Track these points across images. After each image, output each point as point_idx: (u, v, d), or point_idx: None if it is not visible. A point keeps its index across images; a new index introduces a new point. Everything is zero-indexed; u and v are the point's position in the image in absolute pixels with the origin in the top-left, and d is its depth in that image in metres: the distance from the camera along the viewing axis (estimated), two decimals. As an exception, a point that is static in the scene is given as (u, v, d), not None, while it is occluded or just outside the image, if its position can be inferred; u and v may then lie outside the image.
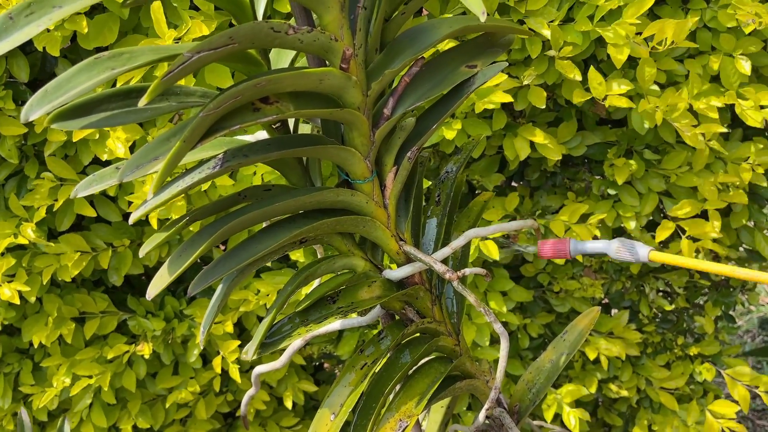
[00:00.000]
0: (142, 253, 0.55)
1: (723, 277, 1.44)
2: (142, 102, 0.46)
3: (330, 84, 0.57)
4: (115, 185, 0.91)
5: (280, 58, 0.67)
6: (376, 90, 0.62)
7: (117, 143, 0.92)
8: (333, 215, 0.64)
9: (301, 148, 0.60)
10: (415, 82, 0.65)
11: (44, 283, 1.04)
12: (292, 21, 0.59)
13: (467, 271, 0.66)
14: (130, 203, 1.01)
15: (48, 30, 0.79)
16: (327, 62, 0.59)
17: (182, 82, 0.88)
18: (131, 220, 0.55)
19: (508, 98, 0.94)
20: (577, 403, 1.40)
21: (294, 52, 0.67)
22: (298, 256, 1.12)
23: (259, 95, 0.54)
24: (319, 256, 0.79)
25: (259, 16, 0.61)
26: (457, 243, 0.71)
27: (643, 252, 0.68)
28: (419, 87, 0.66)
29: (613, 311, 1.53)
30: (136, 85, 0.54)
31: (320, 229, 0.63)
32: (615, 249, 0.69)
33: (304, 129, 0.71)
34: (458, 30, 0.64)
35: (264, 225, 0.63)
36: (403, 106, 0.65)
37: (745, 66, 0.98)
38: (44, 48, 0.87)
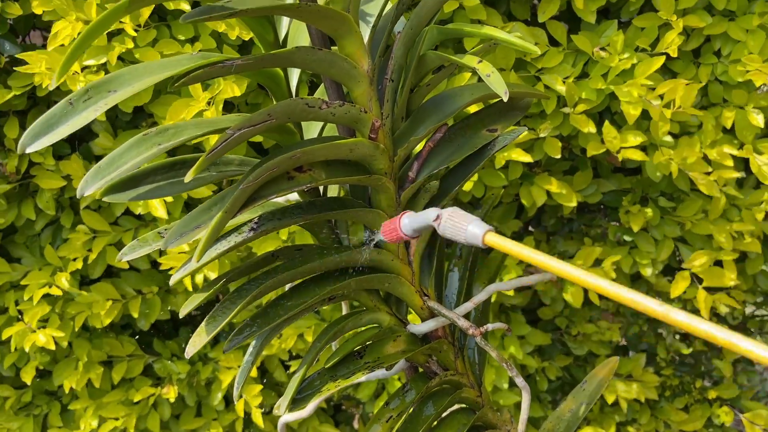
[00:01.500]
0: (182, 313, 0.58)
1: (740, 320, 1.45)
2: (189, 177, 0.50)
3: (360, 153, 0.60)
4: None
5: (311, 125, 0.70)
6: (401, 155, 0.65)
7: (155, 202, 0.96)
8: (360, 273, 0.67)
9: (332, 212, 0.63)
10: (439, 146, 0.69)
11: (76, 330, 1.07)
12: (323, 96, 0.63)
13: (489, 326, 0.68)
14: (161, 252, 1.04)
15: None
16: (356, 131, 0.63)
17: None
18: (172, 281, 0.59)
19: (528, 158, 0.97)
20: (596, 446, 1.41)
21: (325, 119, 0.71)
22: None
23: (294, 165, 0.57)
24: (343, 309, 0.81)
25: (293, 87, 0.65)
26: (478, 298, 0.73)
27: (476, 233, 0.53)
28: (443, 151, 0.69)
29: (631, 353, 1.54)
30: (179, 158, 0.57)
31: (349, 287, 0.66)
32: (442, 223, 0.56)
33: (333, 189, 0.75)
34: (480, 98, 0.67)
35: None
36: (428, 169, 0.68)
37: (758, 119, 1.00)
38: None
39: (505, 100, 0.52)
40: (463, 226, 0.54)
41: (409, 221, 0.60)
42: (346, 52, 0.58)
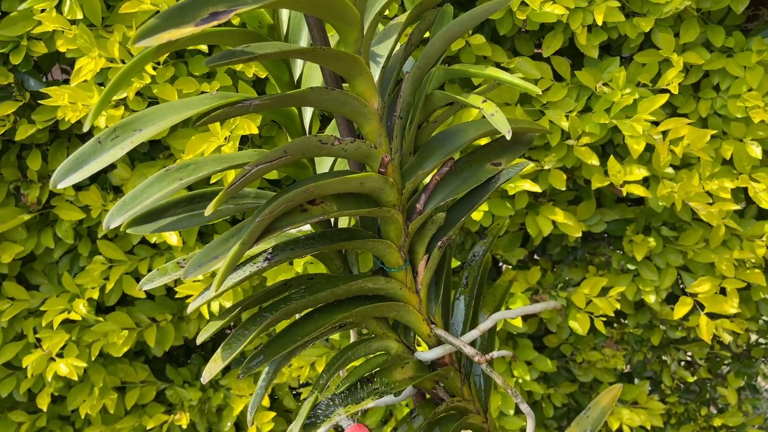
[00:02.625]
0: (199, 340, 0.61)
1: (744, 348, 1.47)
2: (209, 210, 0.53)
3: (370, 186, 0.63)
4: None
5: (323, 159, 0.73)
6: (409, 188, 0.68)
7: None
8: (370, 301, 0.69)
9: (343, 243, 0.66)
10: (446, 179, 0.72)
11: (93, 358, 1.10)
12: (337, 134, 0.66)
13: (495, 354, 0.70)
14: (176, 281, 1.07)
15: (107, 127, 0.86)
16: (366, 166, 0.66)
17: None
18: (190, 309, 0.61)
19: (536, 187, 1.00)
20: (603, 474, 1.41)
21: (335, 153, 0.74)
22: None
23: (307, 199, 0.60)
24: (351, 336, 0.84)
25: (306, 124, 0.68)
26: (484, 326, 0.76)
27: None
28: (449, 184, 0.72)
29: (636, 380, 1.55)
30: (199, 192, 0.60)
31: (359, 315, 0.68)
32: None
33: (343, 220, 0.77)
34: (485, 133, 0.70)
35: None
36: (434, 202, 0.71)
37: (756, 151, 1.03)
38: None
39: (508, 138, 0.55)
40: None
41: None
42: (357, 92, 0.61)
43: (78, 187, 1.05)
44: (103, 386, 1.18)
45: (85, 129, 0.50)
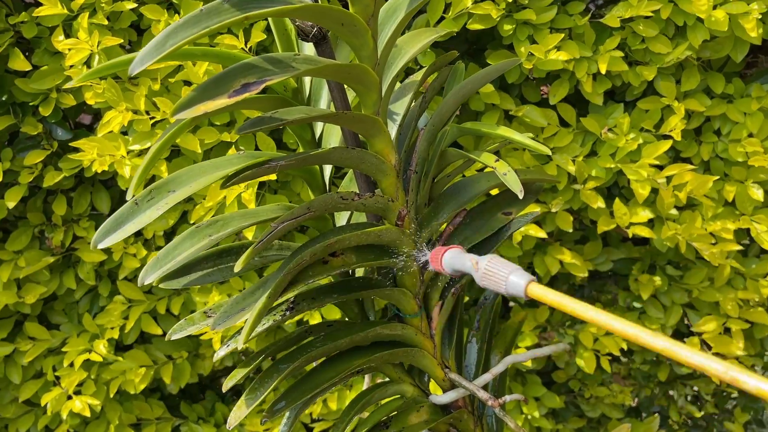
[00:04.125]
0: (225, 388, 0.64)
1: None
2: (238, 267, 0.56)
3: (388, 238, 0.66)
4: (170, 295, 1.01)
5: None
6: (425, 238, 0.71)
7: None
8: (387, 347, 0.72)
9: (362, 292, 0.69)
10: (459, 229, 0.75)
11: (111, 396, 1.12)
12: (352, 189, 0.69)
13: (507, 398, 0.73)
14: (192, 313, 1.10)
15: (127, 175, 0.90)
16: (383, 218, 0.69)
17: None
18: (216, 358, 0.64)
19: (543, 233, 1.03)
20: None
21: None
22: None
23: (329, 252, 0.63)
24: (365, 381, 0.86)
25: (326, 178, 0.71)
26: (497, 369, 0.78)
27: (518, 283, 0.49)
28: (462, 232, 0.75)
29: (643, 416, 1.57)
30: (225, 247, 0.64)
31: (377, 361, 0.71)
32: (482, 272, 0.52)
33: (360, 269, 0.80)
34: (496, 185, 0.74)
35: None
36: (448, 250, 0.74)
37: (758, 193, 1.06)
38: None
39: (521, 197, 0.58)
40: (503, 275, 0.50)
41: (450, 259, 0.57)
42: (375, 149, 0.64)
43: (100, 230, 1.09)
44: (119, 423, 1.20)
45: (128, 197, 0.53)
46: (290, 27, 0.66)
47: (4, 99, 0.97)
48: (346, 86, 0.64)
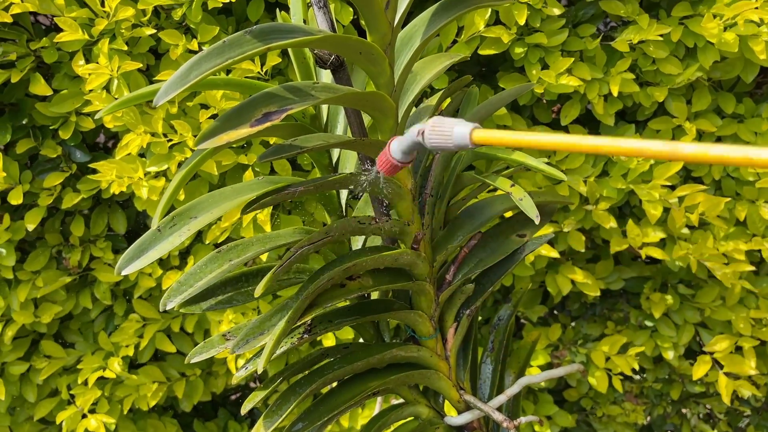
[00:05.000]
0: (244, 410, 0.64)
1: (763, 402, 1.48)
2: (259, 291, 0.57)
3: (404, 261, 0.67)
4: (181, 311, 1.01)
5: (357, 233, 0.77)
6: (440, 261, 0.72)
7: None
8: (403, 369, 0.73)
9: (379, 314, 0.70)
10: (473, 251, 0.75)
11: (124, 413, 1.13)
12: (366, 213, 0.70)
13: (522, 420, 0.73)
14: (206, 331, 1.11)
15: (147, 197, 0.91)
16: (399, 241, 0.70)
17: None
18: (234, 380, 0.65)
19: (554, 252, 1.04)
20: None
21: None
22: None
23: (346, 276, 0.64)
24: (378, 403, 0.87)
25: (342, 202, 0.72)
26: (511, 391, 0.79)
27: (463, 132, 0.48)
28: (477, 255, 0.76)
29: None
30: (245, 271, 0.65)
31: (392, 383, 0.72)
32: (428, 135, 0.51)
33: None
34: (510, 207, 0.74)
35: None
36: (463, 272, 0.74)
37: (769, 212, 1.07)
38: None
39: (537, 223, 0.59)
40: (448, 131, 0.49)
41: (397, 145, 0.55)
42: (392, 174, 0.65)
43: (116, 251, 1.10)
44: (134, 442, 1.21)
45: (152, 226, 0.54)
46: (309, 55, 0.67)
47: (24, 122, 0.99)
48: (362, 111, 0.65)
